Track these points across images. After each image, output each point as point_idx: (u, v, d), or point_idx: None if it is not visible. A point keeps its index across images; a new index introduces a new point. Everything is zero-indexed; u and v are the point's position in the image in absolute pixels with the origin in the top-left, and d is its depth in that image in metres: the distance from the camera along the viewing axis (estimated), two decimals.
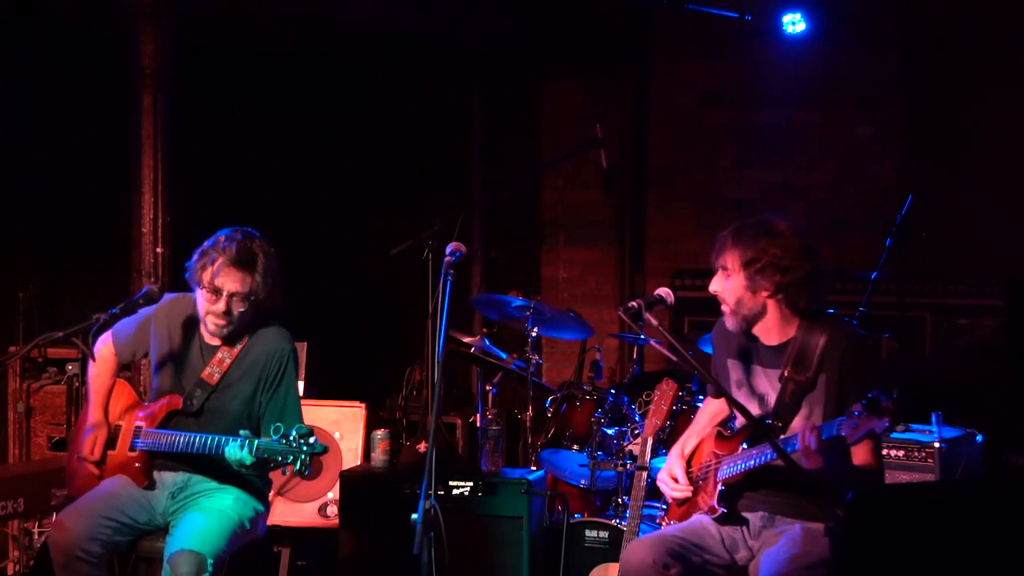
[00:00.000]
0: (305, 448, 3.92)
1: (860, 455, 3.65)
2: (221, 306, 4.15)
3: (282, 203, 6.94)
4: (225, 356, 4.26)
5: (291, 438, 3.92)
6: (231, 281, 4.14)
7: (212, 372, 4.26)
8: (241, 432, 4.00)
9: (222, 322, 4.19)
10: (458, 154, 7.61)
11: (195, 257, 4.21)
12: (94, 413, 4.37)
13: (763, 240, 3.73)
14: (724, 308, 3.82)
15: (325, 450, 3.99)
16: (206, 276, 4.15)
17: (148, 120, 5.36)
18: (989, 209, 6.52)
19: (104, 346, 4.43)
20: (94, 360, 4.31)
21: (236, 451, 4.00)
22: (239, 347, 4.27)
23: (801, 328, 3.77)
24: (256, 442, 3.98)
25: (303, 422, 4.21)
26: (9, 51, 6.02)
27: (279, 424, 3.99)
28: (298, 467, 3.93)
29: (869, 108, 6.94)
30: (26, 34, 6.05)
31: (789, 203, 7.08)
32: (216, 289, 4.15)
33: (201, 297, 4.21)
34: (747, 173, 7.26)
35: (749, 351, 3.88)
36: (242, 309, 4.18)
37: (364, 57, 7.18)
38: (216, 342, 4.28)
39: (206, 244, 4.21)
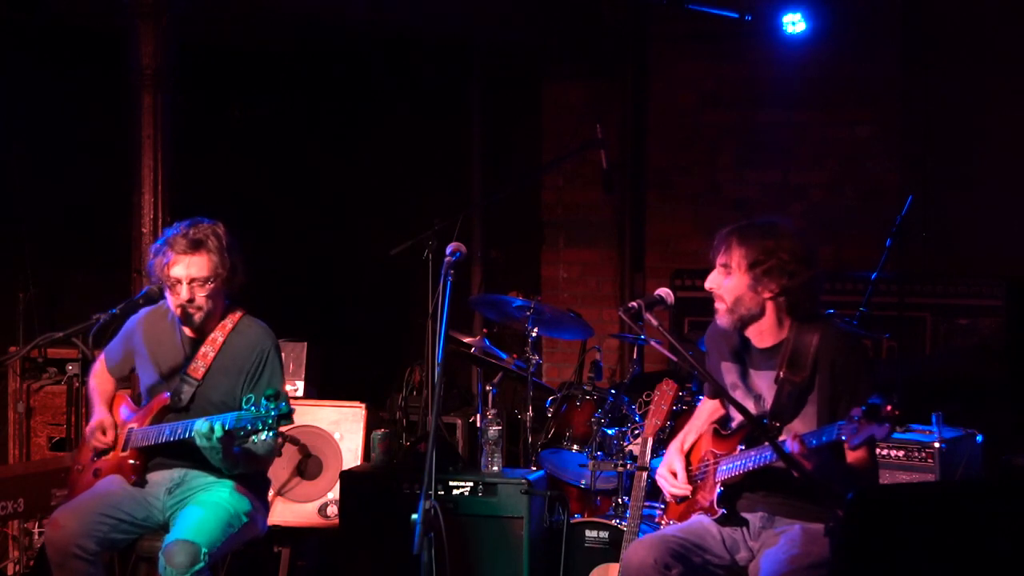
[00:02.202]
0: (273, 412, 3.90)
1: (854, 455, 3.65)
2: (185, 294, 4.20)
3: (282, 203, 6.95)
4: (208, 350, 4.29)
5: (261, 405, 3.92)
6: (186, 267, 4.19)
7: (197, 366, 4.29)
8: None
9: (192, 311, 4.23)
10: (458, 154, 7.61)
11: (151, 259, 4.28)
12: (99, 411, 4.41)
13: (770, 241, 3.72)
14: (719, 305, 3.81)
15: (291, 411, 3.96)
16: (163, 271, 4.21)
17: (148, 120, 5.36)
18: (989, 209, 6.51)
19: (99, 363, 4.54)
20: (92, 362, 4.34)
21: (202, 426, 4.00)
22: (221, 339, 4.30)
23: (793, 329, 3.77)
24: (224, 416, 3.99)
25: (287, 400, 4.22)
26: (8, 51, 6.02)
27: (251, 395, 3.99)
28: (266, 434, 3.90)
29: (869, 108, 6.94)
30: (25, 34, 6.05)
31: (789, 203, 7.08)
32: (175, 280, 4.20)
33: (168, 294, 4.26)
34: (747, 173, 7.25)
35: (742, 354, 3.87)
36: (205, 293, 4.22)
37: (364, 57, 7.18)
38: (198, 337, 4.31)
39: (159, 241, 4.29)
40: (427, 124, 7.40)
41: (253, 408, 3.92)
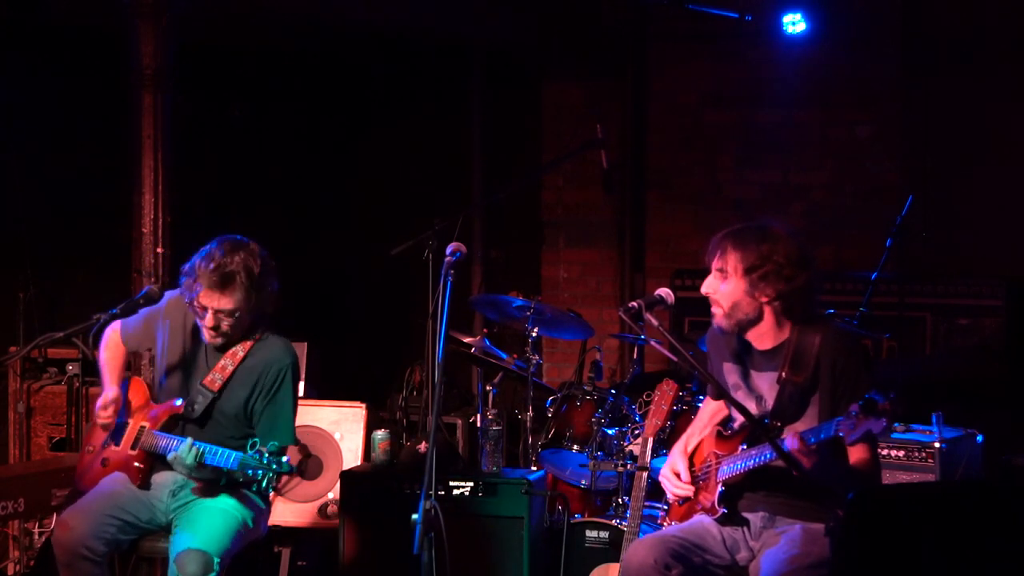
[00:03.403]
0: (274, 467, 3.97)
1: (856, 455, 3.66)
2: (210, 322, 4.19)
3: (282, 203, 6.95)
4: (228, 363, 4.28)
5: (264, 454, 3.97)
6: (214, 301, 4.16)
7: (214, 379, 4.27)
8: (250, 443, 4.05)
9: (214, 334, 4.23)
10: (458, 154, 7.61)
11: (184, 271, 4.24)
12: (110, 387, 4.38)
13: (766, 246, 3.72)
14: (716, 310, 3.80)
15: (292, 470, 4.03)
16: (192, 295, 4.19)
17: (148, 120, 5.36)
18: (989, 209, 6.52)
19: (112, 331, 4.47)
20: (95, 355, 4.34)
21: (184, 451, 4.05)
22: (242, 353, 4.28)
23: (795, 330, 3.77)
24: (227, 455, 4.02)
25: (295, 438, 4.30)
26: (8, 51, 6.02)
27: (256, 439, 4.02)
28: (264, 484, 3.99)
29: (869, 108, 6.94)
30: (25, 34, 6.05)
31: (789, 203, 7.08)
32: (203, 308, 4.18)
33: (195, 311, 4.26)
34: (747, 173, 7.26)
35: (743, 356, 3.88)
36: (231, 323, 4.20)
37: (364, 57, 7.18)
38: (222, 348, 4.30)
39: (193, 259, 4.22)
40: (427, 124, 7.40)
41: (257, 456, 3.96)
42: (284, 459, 4.00)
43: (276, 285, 4.27)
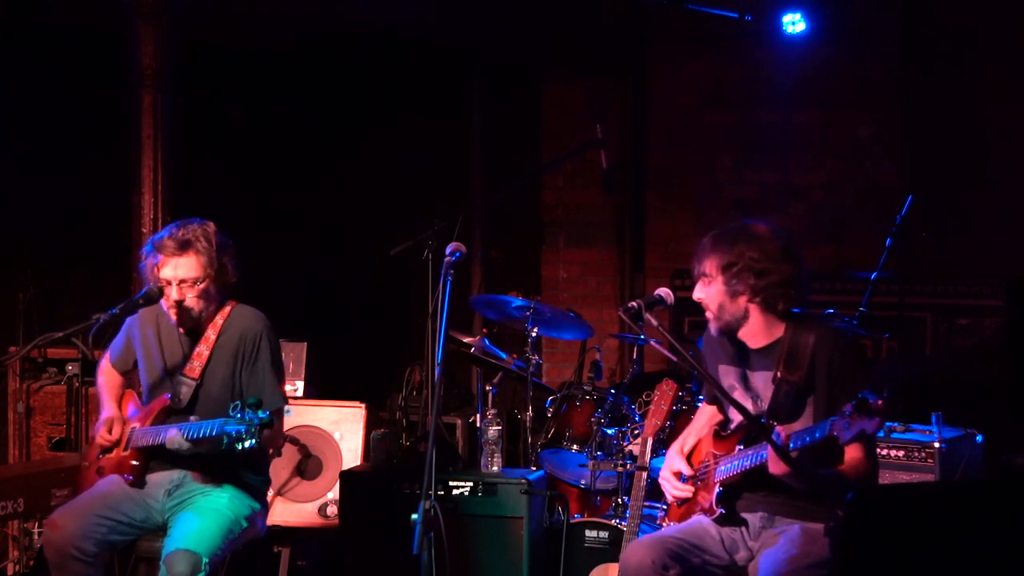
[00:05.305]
0: (256, 422, 3.89)
1: (850, 455, 3.66)
2: (175, 295, 4.21)
3: (282, 204, 6.95)
4: (203, 349, 4.31)
5: (246, 413, 3.91)
6: (174, 269, 4.20)
7: (193, 366, 4.29)
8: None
9: (183, 311, 4.24)
10: (458, 154, 7.61)
11: (143, 256, 4.29)
12: (107, 408, 4.42)
13: (740, 244, 3.76)
14: (708, 315, 3.84)
15: (270, 421, 3.92)
16: (153, 274, 4.23)
17: (148, 120, 5.37)
18: (989, 209, 6.52)
19: (104, 360, 4.55)
20: (92, 362, 4.35)
21: (175, 435, 4.07)
22: (214, 337, 4.31)
23: (788, 329, 3.78)
24: (211, 423, 4.01)
25: (284, 398, 4.30)
26: (8, 51, 6.02)
27: (237, 403, 3.99)
28: (249, 442, 3.88)
29: (869, 108, 6.94)
30: (25, 34, 6.06)
31: (789, 203, 7.08)
32: (165, 282, 4.22)
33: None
34: (747, 173, 7.26)
35: (737, 356, 3.89)
36: (195, 294, 4.23)
37: (364, 57, 7.18)
38: (193, 336, 4.32)
39: (146, 247, 4.29)
40: (427, 124, 7.40)
41: (239, 415, 3.92)
42: (261, 412, 3.89)
43: (232, 260, 4.29)
